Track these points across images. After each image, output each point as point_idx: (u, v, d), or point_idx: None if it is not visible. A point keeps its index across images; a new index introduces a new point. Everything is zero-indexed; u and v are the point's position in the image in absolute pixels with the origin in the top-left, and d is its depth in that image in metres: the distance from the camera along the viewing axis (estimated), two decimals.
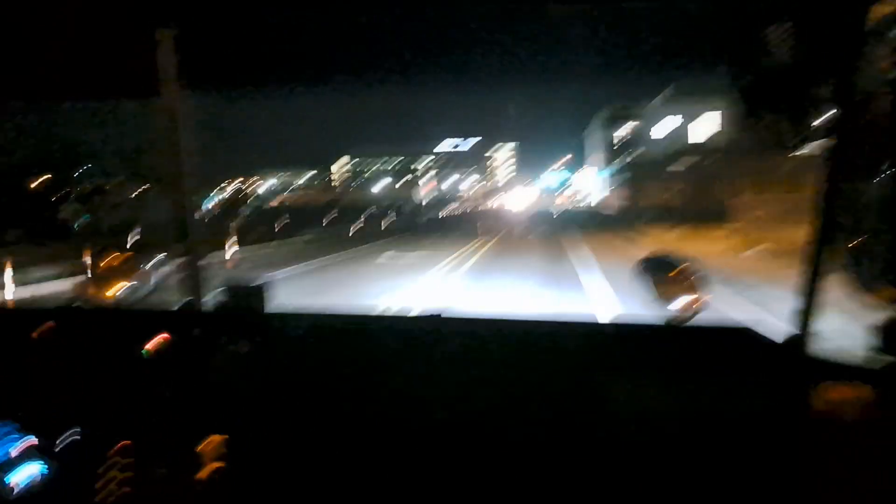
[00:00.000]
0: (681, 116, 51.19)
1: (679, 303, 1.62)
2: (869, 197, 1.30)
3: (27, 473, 1.41)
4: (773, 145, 1.53)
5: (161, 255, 2.11)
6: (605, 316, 6.99)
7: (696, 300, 1.63)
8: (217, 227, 22.18)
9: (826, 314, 1.48)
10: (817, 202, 1.35)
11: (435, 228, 34.01)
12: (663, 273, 1.71)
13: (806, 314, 1.41)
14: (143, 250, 2.11)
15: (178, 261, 1.96)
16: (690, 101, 43.43)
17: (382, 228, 36.29)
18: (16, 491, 1.38)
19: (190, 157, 2.00)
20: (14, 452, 1.42)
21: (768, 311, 6.69)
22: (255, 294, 1.86)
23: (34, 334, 1.68)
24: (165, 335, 1.59)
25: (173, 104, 1.93)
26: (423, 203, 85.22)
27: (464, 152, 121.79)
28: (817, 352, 1.40)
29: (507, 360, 1.52)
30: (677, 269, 1.69)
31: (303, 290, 11.58)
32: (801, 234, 1.46)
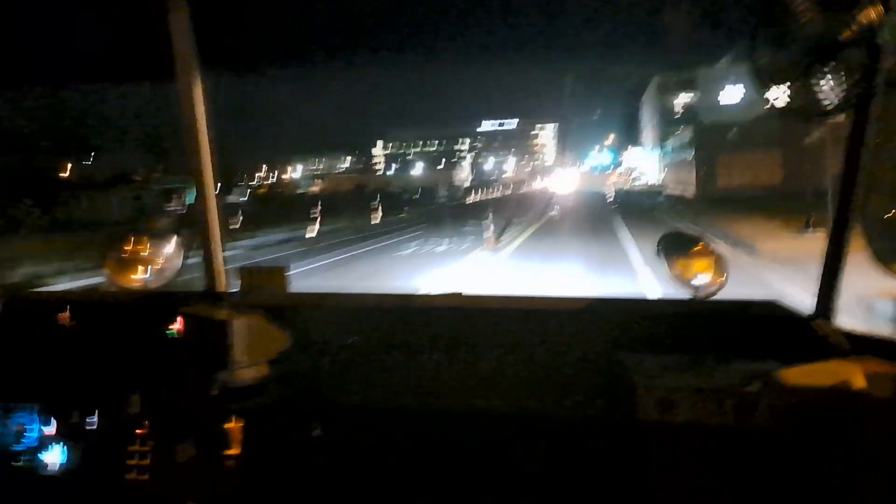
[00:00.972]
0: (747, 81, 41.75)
1: (700, 280, 1.61)
2: None
3: (58, 454, 1.43)
4: (801, 115, 1.37)
5: (179, 240, 2.02)
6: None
7: (717, 277, 1.61)
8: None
9: (852, 288, 1.45)
10: (842, 174, 1.32)
11: (445, 222, 24.56)
12: (683, 250, 1.69)
13: (832, 287, 1.40)
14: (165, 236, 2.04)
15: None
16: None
17: (374, 222, 27.08)
18: (50, 467, 1.41)
19: (211, 144, 1.97)
20: (36, 441, 1.45)
21: None
22: (277, 275, 1.84)
23: (60, 318, 1.67)
24: (189, 317, 1.57)
25: (192, 88, 1.90)
26: (466, 185, 78.11)
27: (506, 133, 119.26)
28: (844, 325, 1.39)
29: (528, 337, 1.49)
30: (697, 246, 1.67)
31: None
32: None
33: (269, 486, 1.34)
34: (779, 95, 1.33)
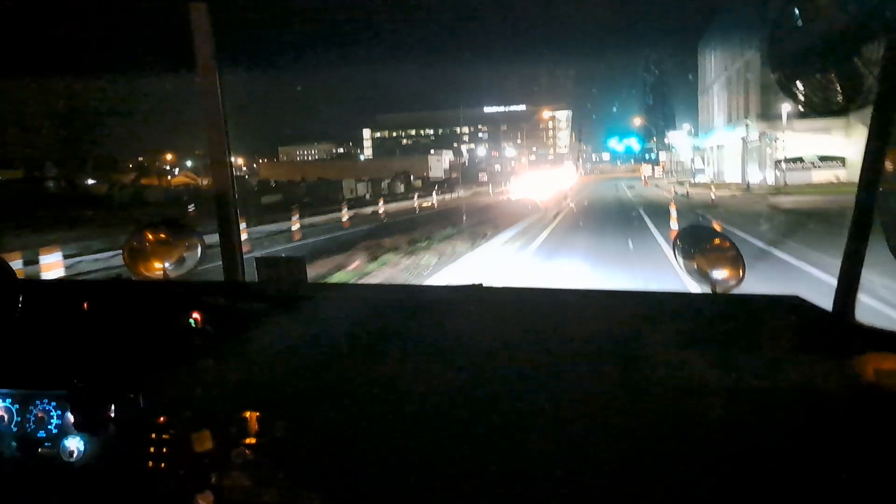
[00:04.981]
0: None
1: (718, 274, 1.55)
2: None
3: (78, 441, 1.40)
4: (821, 110, 1.32)
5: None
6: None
7: (736, 272, 1.54)
8: None
9: (874, 283, 1.51)
10: (863, 170, 1.28)
11: None
12: (702, 245, 1.62)
13: (853, 283, 1.35)
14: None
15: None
16: None
17: None
18: (71, 455, 1.38)
19: (228, 132, 1.94)
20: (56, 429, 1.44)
21: None
22: (295, 266, 1.74)
23: (82, 306, 1.65)
24: (208, 307, 1.54)
25: (212, 80, 1.88)
26: (445, 177, 57.33)
27: (512, 119, 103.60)
28: (866, 320, 1.34)
29: (549, 330, 1.45)
30: (716, 241, 1.61)
31: None
32: None
33: (286, 476, 1.30)
34: (799, 90, 1.28)
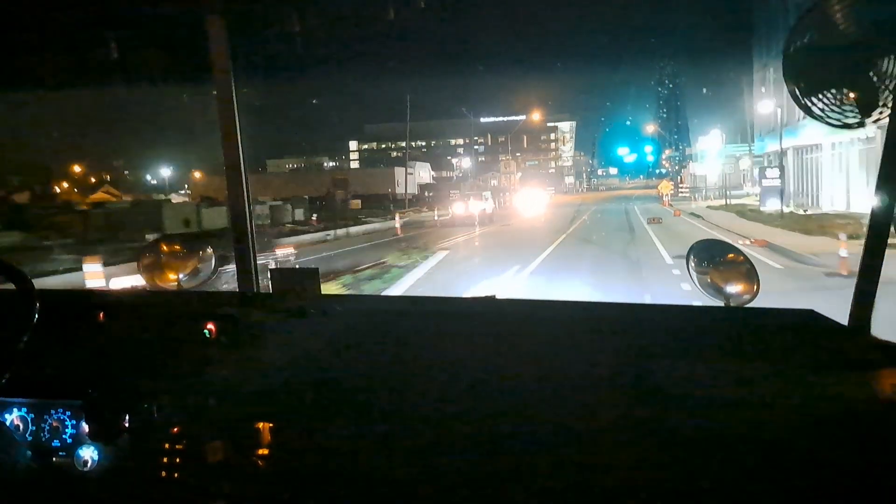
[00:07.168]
0: None
1: (732, 289, 1.53)
2: None
3: (93, 451, 1.40)
4: (837, 124, 1.31)
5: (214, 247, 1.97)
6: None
7: (749, 286, 1.53)
8: None
9: (890, 298, 1.41)
10: (879, 183, 1.29)
11: None
12: (715, 259, 1.60)
13: (868, 298, 1.35)
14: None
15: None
16: None
17: None
18: (89, 465, 1.37)
19: (244, 144, 1.94)
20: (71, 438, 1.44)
21: None
22: (310, 277, 1.80)
23: (98, 317, 1.67)
24: (222, 317, 1.57)
25: (227, 92, 1.89)
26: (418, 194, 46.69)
27: (510, 130, 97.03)
28: (882, 335, 1.35)
29: (561, 341, 1.46)
30: (730, 256, 1.60)
31: None
32: None
33: (299, 487, 1.27)
34: (814, 104, 1.27)
